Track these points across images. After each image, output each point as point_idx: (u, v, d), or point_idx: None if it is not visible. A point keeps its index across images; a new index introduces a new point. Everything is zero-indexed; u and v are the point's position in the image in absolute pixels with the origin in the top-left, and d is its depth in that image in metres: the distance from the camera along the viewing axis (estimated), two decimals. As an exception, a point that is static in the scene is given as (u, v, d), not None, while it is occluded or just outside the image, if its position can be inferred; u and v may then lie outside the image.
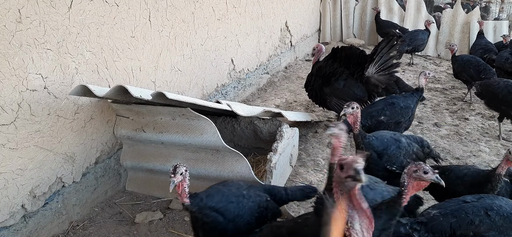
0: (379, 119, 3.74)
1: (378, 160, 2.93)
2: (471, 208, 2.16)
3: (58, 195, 2.93)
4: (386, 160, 2.93)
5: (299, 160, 4.02)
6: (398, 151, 2.94)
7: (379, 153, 2.93)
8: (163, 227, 3.01)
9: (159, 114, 3.10)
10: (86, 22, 2.94)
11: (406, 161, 2.89)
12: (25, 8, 2.48)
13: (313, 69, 4.75)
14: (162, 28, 3.85)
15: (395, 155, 2.93)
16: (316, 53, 4.86)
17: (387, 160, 2.93)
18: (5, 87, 2.42)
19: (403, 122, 3.83)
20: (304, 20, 8.18)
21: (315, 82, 4.60)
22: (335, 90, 4.44)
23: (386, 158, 2.93)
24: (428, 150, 3.21)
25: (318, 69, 4.62)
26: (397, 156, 2.93)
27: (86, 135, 3.10)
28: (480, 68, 5.53)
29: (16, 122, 2.52)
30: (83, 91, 2.67)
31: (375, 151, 2.92)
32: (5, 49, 2.39)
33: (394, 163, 2.92)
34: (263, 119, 3.77)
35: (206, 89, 4.83)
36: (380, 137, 3.01)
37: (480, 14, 8.28)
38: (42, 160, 2.74)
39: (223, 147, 2.94)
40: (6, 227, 2.56)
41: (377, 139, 2.97)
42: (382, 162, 2.93)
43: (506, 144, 4.45)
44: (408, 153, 2.98)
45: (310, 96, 4.79)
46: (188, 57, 4.35)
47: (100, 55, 3.12)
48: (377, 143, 2.95)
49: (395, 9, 8.65)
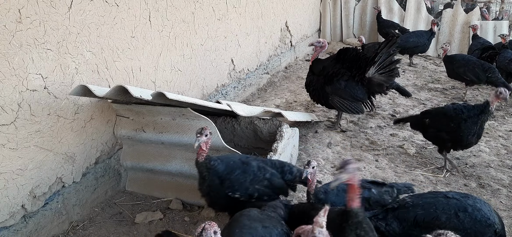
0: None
1: (219, 186, 2.54)
2: (443, 205, 2.15)
3: (58, 195, 2.92)
4: (227, 186, 2.54)
5: (299, 160, 4.02)
6: (243, 176, 2.56)
7: (222, 178, 2.54)
8: (163, 227, 3.00)
9: (159, 114, 3.10)
10: (86, 22, 2.94)
11: (253, 187, 2.56)
12: (25, 8, 2.48)
13: (313, 67, 4.76)
14: (162, 28, 3.85)
15: (239, 180, 2.55)
16: (318, 48, 4.83)
17: (229, 186, 2.54)
18: (5, 87, 2.42)
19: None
20: (304, 20, 8.18)
21: (317, 81, 4.63)
22: (336, 89, 4.50)
23: (228, 183, 2.54)
24: (291, 177, 2.72)
25: (322, 69, 4.65)
26: (241, 182, 2.55)
27: (86, 135, 3.10)
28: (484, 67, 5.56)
29: (16, 122, 2.52)
30: (83, 91, 2.67)
31: (218, 176, 2.54)
32: (5, 49, 2.39)
33: (236, 189, 2.55)
34: (263, 119, 3.77)
35: (206, 89, 4.83)
36: (226, 159, 2.64)
37: (480, 14, 8.27)
38: (42, 160, 2.74)
39: (223, 147, 2.94)
40: (6, 227, 2.56)
41: (222, 162, 2.58)
42: (224, 189, 2.54)
43: (506, 144, 4.45)
44: (257, 179, 2.59)
45: (312, 96, 4.81)
46: (188, 57, 4.36)
47: (100, 55, 3.12)
48: (221, 167, 2.55)
49: (395, 9, 8.65)
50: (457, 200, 2.16)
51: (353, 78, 4.51)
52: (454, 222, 2.07)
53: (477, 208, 2.10)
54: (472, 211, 2.09)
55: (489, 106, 3.44)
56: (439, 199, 2.20)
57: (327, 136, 4.55)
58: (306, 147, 4.30)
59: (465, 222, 2.07)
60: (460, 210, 2.10)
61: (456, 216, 2.09)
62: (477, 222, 2.07)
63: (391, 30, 7.66)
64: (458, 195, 2.24)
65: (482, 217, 2.07)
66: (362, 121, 4.97)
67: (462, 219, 2.07)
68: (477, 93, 6.20)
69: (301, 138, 4.34)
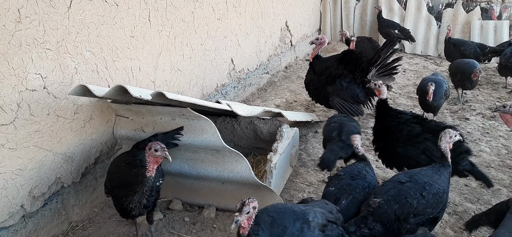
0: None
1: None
2: (408, 191, 2.35)
3: (57, 196, 2.92)
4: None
5: (299, 160, 4.01)
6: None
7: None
8: (163, 227, 3.00)
9: (158, 114, 3.09)
10: (85, 22, 2.94)
11: None
12: (25, 7, 2.47)
13: (314, 65, 4.78)
14: (162, 28, 3.84)
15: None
16: (318, 45, 4.84)
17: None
18: (4, 87, 2.41)
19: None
20: (304, 20, 8.17)
21: (318, 81, 4.65)
22: (338, 90, 4.54)
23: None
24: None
25: (325, 68, 4.67)
26: None
27: (86, 135, 3.09)
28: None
29: (15, 122, 2.51)
30: (82, 91, 2.66)
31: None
32: (4, 49, 2.38)
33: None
34: (263, 119, 3.76)
35: (206, 89, 4.82)
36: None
37: (480, 13, 8.27)
38: (42, 160, 2.73)
39: (223, 147, 2.93)
40: (6, 228, 2.55)
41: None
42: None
43: (506, 144, 4.45)
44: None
45: (312, 95, 4.85)
46: (188, 57, 4.35)
47: (100, 55, 3.11)
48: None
49: (395, 9, 8.65)
50: (414, 183, 2.39)
51: (355, 80, 4.56)
52: (422, 203, 2.33)
53: (429, 183, 2.39)
54: (429, 188, 2.36)
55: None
56: (401, 187, 2.38)
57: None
58: (306, 147, 4.29)
59: (429, 198, 2.34)
60: (422, 190, 2.35)
61: (422, 196, 2.34)
62: (436, 195, 2.37)
63: (391, 30, 7.65)
64: (405, 178, 2.45)
65: (437, 189, 2.38)
66: (362, 121, 4.96)
67: (426, 197, 2.34)
68: (478, 92, 6.18)
69: (301, 138, 4.33)
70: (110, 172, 2.72)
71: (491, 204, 3.27)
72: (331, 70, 4.63)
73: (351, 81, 4.55)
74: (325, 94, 4.61)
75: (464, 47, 6.66)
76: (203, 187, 3.19)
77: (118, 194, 2.51)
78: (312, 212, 2.09)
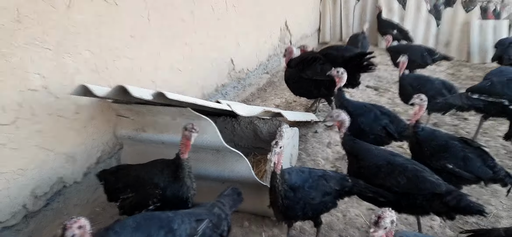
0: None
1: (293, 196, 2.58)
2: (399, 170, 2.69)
3: (59, 195, 2.93)
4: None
5: (299, 160, 4.03)
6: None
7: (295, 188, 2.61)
8: (163, 227, 3.01)
9: (159, 114, 3.10)
10: (85, 22, 2.95)
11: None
12: (24, 7, 2.48)
13: (289, 63, 4.98)
14: (162, 28, 3.85)
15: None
16: (287, 55, 5.07)
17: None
18: (5, 87, 2.42)
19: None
20: (304, 20, 8.18)
21: (295, 73, 4.83)
22: (315, 73, 4.67)
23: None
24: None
25: (300, 61, 4.86)
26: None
27: (87, 135, 3.10)
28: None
29: (17, 122, 2.52)
30: (83, 91, 2.68)
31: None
32: (4, 49, 2.39)
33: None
34: (263, 119, 3.77)
35: (206, 89, 4.83)
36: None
37: (480, 13, 8.28)
38: (43, 160, 2.75)
39: (223, 147, 2.95)
40: (8, 227, 2.57)
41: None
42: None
43: (505, 143, 4.46)
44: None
45: (293, 88, 4.98)
46: (187, 57, 4.36)
47: (100, 54, 3.12)
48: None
49: (395, 8, 8.65)
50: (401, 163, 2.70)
51: (329, 63, 4.65)
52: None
53: (410, 162, 2.72)
54: (412, 168, 2.65)
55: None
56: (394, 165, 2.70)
57: (327, 136, 4.55)
58: (306, 147, 4.31)
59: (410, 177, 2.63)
60: (404, 170, 2.64)
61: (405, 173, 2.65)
62: (413, 170, 2.65)
63: (389, 30, 7.65)
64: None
65: (412, 164, 2.68)
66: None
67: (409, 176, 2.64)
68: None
69: (301, 138, 4.35)
70: None
71: (491, 204, 3.29)
72: (305, 56, 4.83)
73: (325, 63, 4.67)
74: (304, 81, 4.74)
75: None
76: (204, 187, 3.20)
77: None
78: (179, 219, 2.11)
